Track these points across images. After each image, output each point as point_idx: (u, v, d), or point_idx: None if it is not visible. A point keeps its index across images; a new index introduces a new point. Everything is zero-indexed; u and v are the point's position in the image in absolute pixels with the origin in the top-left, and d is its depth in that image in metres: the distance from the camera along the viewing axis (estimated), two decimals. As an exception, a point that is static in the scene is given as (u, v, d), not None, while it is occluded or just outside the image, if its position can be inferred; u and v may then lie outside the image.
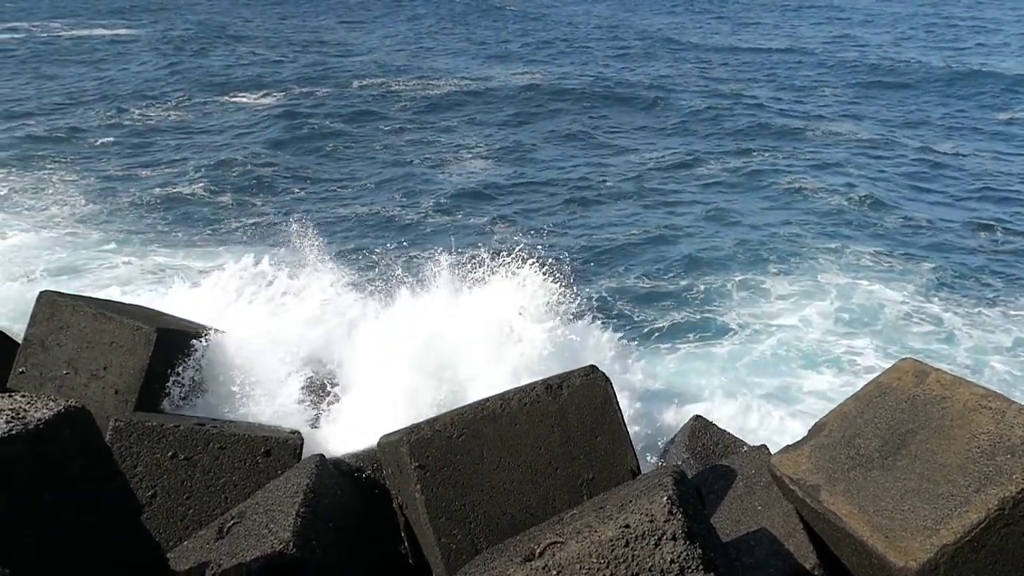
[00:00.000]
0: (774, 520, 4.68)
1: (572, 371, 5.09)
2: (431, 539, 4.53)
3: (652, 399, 8.58)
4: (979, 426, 4.15)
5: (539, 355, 7.34)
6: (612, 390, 5.01)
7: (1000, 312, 11.91)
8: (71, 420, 3.29)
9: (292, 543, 4.05)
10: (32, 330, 6.13)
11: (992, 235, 15.03)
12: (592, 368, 5.07)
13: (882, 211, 16.16)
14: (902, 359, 4.95)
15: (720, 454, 6.55)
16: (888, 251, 14.13)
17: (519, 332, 7.50)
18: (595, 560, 3.18)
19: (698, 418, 7.10)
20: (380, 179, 18.46)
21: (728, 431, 7.00)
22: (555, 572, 3.20)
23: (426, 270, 8.38)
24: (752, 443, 6.72)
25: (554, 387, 4.91)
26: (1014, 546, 3.79)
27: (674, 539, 3.18)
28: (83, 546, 3.34)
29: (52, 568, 3.22)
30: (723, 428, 7.03)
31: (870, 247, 14.30)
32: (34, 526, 3.16)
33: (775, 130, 22.63)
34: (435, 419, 4.80)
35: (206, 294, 8.52)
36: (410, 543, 4.98)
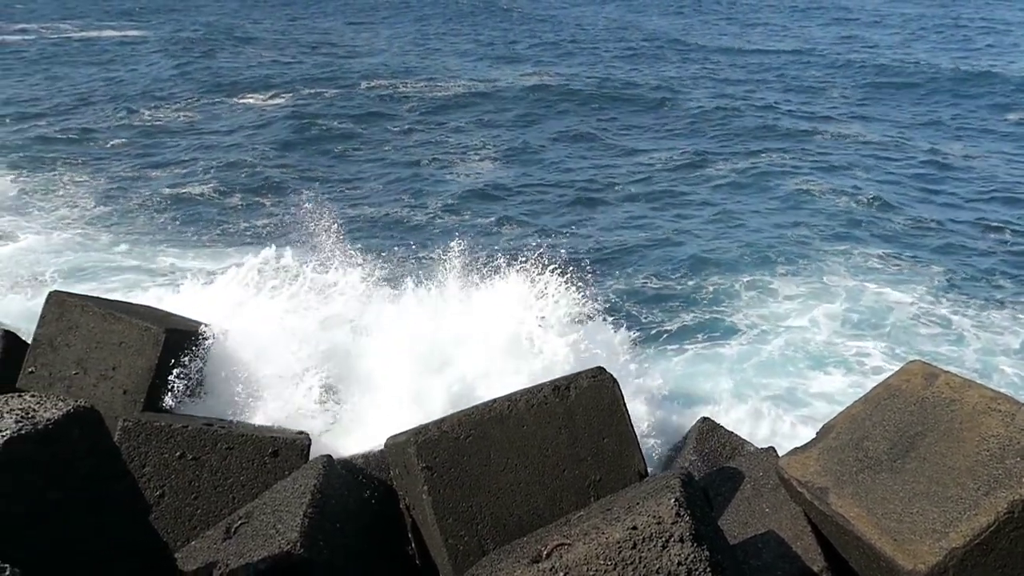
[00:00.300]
0: (782, 522, 4.67)
1: (580, 372, 5.09)
2: (438, 540, 4.53)
3: (660, 401, 8.55)
4: (988, 429, 4.14)
5: (557, 365, 7.30)
6: (620, 392, 5.00)
7: (1009, 314, 11.85)
8: (80, 420, 3.31)
9: (299, 543, 4.07)
10: (41, 330, 6.17)
11: (1001, 237, 14.96)
12: (600, 370, 5.06)
13: (891, 213, 16.10)
14: (911, 361, 4.94)
15: (728, 456, 6.54)
16: (897, 253, 14.09)
17: (539, 345, 7.49)
18: (602, 562, 3.18)
19: (705, 420, 7.08)
20: (388, 180, 18.49)
21: (736, 433, 6.98)
22: (562, 574, 3.20)
23: (436, 272, 8.37)
24: (760, 445, 6.70)
25: (561, 388, 4.90)
26: (1023, 549, 3.77)
27: (681, 541, 3.18)
28: (92, 546, 3.35)
29: (61, 567, 3.24)
30: (731, 430, 7.01)
31: (879, 249, 14.26)
32: (43, 525, 3.18)
33: (783, 131, 22.57)
34: (442, 420, 4.80)
35: (220, 291, 8.42)
36: (417, 544, 4.98)
